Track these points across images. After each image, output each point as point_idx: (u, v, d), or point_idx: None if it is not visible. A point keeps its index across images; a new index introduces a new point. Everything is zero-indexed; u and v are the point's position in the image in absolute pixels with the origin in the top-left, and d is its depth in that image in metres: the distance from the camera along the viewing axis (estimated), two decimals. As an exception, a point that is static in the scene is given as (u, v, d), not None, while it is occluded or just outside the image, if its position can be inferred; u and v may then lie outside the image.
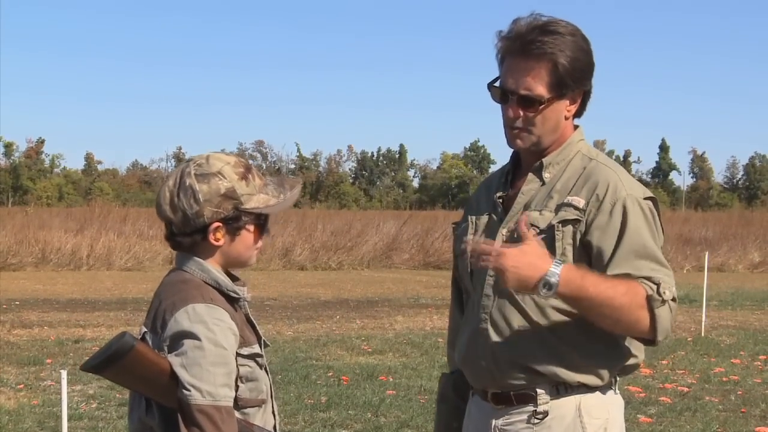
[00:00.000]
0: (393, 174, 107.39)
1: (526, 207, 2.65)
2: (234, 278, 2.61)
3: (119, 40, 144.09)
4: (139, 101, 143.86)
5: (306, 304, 16.18)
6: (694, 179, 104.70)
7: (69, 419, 6.21)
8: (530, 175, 2.68)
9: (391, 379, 9.09)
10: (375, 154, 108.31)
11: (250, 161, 2.59)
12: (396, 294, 18.34)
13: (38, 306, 14.75)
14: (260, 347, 2.58)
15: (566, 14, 2.69)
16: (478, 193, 2.86)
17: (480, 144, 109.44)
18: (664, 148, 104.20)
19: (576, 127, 2.74)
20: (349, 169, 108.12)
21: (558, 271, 2.44)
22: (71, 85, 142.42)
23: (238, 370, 2.45)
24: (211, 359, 2.37)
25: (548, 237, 2.57)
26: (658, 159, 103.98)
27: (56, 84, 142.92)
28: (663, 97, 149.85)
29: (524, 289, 2.47)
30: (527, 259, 2.43)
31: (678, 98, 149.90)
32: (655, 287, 2.50)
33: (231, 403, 2.40)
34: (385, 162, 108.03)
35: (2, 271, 21.96)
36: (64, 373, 4.94)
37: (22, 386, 8.62)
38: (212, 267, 2.51)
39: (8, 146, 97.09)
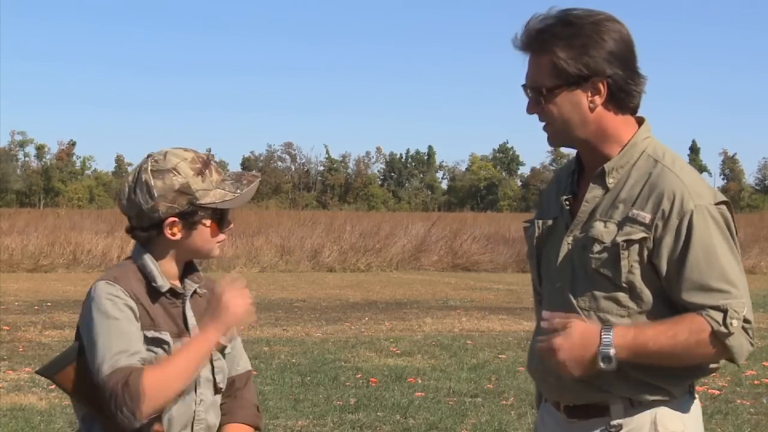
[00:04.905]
0: (421, 176, 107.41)
1: (591, 215, 2.55)
2: (191, 271, 2.68)
3: (149, 43, 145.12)
4: (169, 104, 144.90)
5: (334, 306, 16.20)
6: (725, 181, 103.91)
7: (100, 420, 6.25)
8: (592, 183, 2.58)
9: (419, 381, 9.08)
10: (403, 156, 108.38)
11: (212, 157, 2.66)
12: (424, 296, 18.31)
13: (70, 307, 14.83)
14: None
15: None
16: (549, 190, 2.77)
17: (509, 145, 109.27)
18: (694, 150, 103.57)
19: (641, 122, 2.62)
20: (378, 171, 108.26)
21: (611, 340, 2.42)
22: (102, 88, 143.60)
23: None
24: (100, 331, 2.48)
25: (612, 254, 2.49)
26: (688, 161, 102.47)
27: (87, 87, 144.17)
28: (693, 98, 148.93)
29: (587, 371, 2.44)
30: (576, 342, 2.43)
31: (709, 100, 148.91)
32: (721, 317, 2.43)
33: (132, 362, 2.45)
34: (413, 164, 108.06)
35: (34, 273, 22.16)
36: (95, 374, 4.97)
37: (53, 387, 8.68)
38: (151, 262, 2.61)
39: (40, 148, 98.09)
